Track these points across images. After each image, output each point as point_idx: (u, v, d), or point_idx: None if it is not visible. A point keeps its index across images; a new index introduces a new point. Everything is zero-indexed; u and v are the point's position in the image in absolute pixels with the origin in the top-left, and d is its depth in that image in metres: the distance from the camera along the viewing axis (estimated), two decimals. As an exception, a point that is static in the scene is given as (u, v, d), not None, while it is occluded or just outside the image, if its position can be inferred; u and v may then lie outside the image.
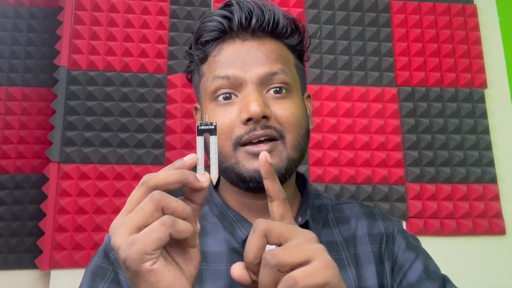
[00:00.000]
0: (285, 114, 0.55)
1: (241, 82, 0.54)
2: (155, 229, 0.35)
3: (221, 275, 0.54)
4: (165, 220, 0.36)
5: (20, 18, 1.23)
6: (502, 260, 1.23)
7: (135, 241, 0.35)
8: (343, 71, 1.27)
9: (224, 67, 0.55)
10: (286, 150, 0.55)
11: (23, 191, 1.15)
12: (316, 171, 1.19)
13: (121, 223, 0.37)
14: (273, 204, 0.42)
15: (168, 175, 0.38)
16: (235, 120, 0.54)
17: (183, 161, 0.40)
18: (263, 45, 0.57)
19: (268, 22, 0.57)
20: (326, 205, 0.66)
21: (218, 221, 0.59)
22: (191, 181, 0.39)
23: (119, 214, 0.38)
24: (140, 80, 1.18)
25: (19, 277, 1.10)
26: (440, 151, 1.27)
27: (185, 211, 0.38)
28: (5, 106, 1.18)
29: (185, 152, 1.15)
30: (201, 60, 0.59)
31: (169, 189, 0.38)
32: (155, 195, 0.37)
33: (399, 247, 0.62)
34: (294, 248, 0.37)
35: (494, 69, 1.37)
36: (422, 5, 1.35)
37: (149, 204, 0.36)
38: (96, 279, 0.55)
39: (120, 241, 0.36)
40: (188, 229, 0.37)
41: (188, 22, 1.24)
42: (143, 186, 0.38)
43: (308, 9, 1.30)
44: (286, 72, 0.56)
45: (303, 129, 0.58)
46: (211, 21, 0.57)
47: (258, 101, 0.52)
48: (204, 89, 0.58)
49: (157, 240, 0.35)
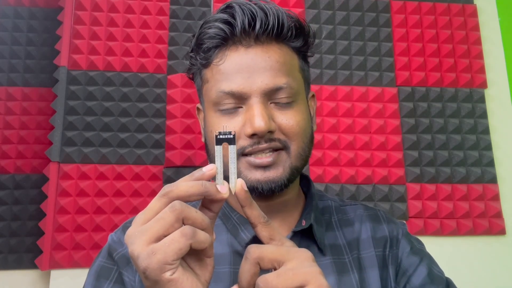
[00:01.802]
0: (289, 124, 0.54)
1: (245, 97, 0.53)
2: (176, 239, 0.35)
3: (224, 277, 0.54)
4: (186, 231, 0.36)
5: (20, 18, 1.23)
6: (502, 260, 1.23)
7: (156, 251, 0.35)
8: (343, 71, 1.27)
9: (228, 80, 0.54)
10: (290, 160, 0.55)
11: (23, 191, 1.15)
12: (316, 171, 1.19)
13: (140, 231, 0.36)
14: (257, 230, 0.42)
15: (190, 187, 0.38)
16: (239, 131, 0.53)
17: (202, 172, 0.40)
18: (267, 52, 0.55)
19: (272, 26, 0.54)
20: (330, 206, 0.65)
21: (221, 222, 0.59)
22: (212, 194, 0.39)
23: (135, 222, 0.38)
24: (140, 80, 1.18)
25: (19, 277, 1.10)
26: (440, 151, 1.27)
27: (204, 221, 0.38)
28: (5, 106, 1.18)
29: (185, 152, 1.15)
30: (203, 65, 0.58)
31: (190, 200, 0.38)
32: (176, 205, 0.36)
33: (403, 251, 0.61)
34: (288, 273, 0.37)
35: (494, 69, 1.37)
36: (422, 5, 1.35)
37: (169, 214, 0.36)
38: (101, 279, 0.55)
39: (139, 249, 0.35)
40: (207, 240, 0.37)
41: (188, 22, 1.24)
42: (164, 197, 0.37)
43: (308, 9, 1.30)
44: (291, 84, 0.55)
45: (308, 136, 0.57)
46: (211, 27, 0.55)
47: (263, 116, 0.51)
48: (208, 97, 0.57)
49: (178, 251, 0.35)
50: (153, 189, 1.14)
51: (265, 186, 0.53)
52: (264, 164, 0.53)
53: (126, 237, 0.37)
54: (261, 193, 0.53)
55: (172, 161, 1.14)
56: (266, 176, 0.53)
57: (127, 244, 0.37)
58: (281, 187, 0.54)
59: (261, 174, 0.53)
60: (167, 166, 1.15)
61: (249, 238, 0.54)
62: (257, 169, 0.53)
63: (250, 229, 0.55)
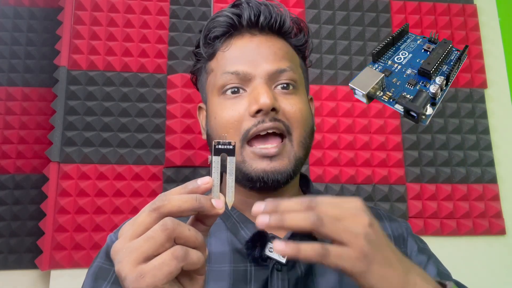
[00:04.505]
0: (293, 109, 0.55)
1: (250, 78, 0.55)
2: (167, 263, 0.33)
3: (224, 275, 0.54)
4: (177, 253, 0.33)
5: (20, 18, 1.23)
6: (502, 260, 1.23)
7: (145, 274, 0.33)
8: (343, 71, 1.27)
9: (233, 63, 0.56)
10: (293, 149, 0.55)
11: (23, 191, 1.15)
12: (316, 171, 1.19)
13: (127, 249, 0.34)
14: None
15: (183, 202, 0.35)
16: (243, 113, 0.54)
17: (197, 184, 0.37)
18: (270, 41, 0.58)
19: (275, 20, 0.58)
20: None
21: (221, 221, 0.59)
22: (207, 209, 0.36)
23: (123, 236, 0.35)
24: (140, 80, 1.18)
25: (19, 277, 1.10)
26: (440, 151, 1.27)
27: (198, 240, 0.35)
28: (5, 106, 1.18)
29: (185, 152, 1.15)
30: (209, 57, 0.60)
31: (182, 216, 0.36)
32: (168, 223, 0.34)
33: (412, 250, 0.61)
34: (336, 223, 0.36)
35: (494, 69, 1.36)
36: (422, 5, 1.35)
37: (160, 233, 0.34)
38: (99, 280, 0.55)
39: (126, 270, 0.33)
40: (200, 260, 0.35)
41: (188, 22, 1.24)
42: (155, 212, 0.35)
43: (308, 9, 1.30)
44: (294, 70, 0.57)
45: (309, 126, 0.58)
46: (221, 16, 0.59)
47: (268, 93, 0.52)
48: (212, 84, 0.58)
49: (168, 274, 0.33)
50: (153, 189, 1.14)
51: (271, 176, 0.53)
52: (270, 154, 0.53)
53: (113, 252, 0.35)
54: (266, 183, 0.53)
55: (172, 161, 1.14)
56: (272, 166, 0.53)
57: (114, 260, 0.35)
58: (286, 178, 0.54)
59: (267, 164, 0.53)
60: (167, 166, 1.15)
61: (249, 236, 0.54)
62: (263, 159, 0.53)
63: (250, 227, 0.56)
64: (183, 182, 1.24)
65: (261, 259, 0.52)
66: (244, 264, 0.54)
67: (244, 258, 0.56)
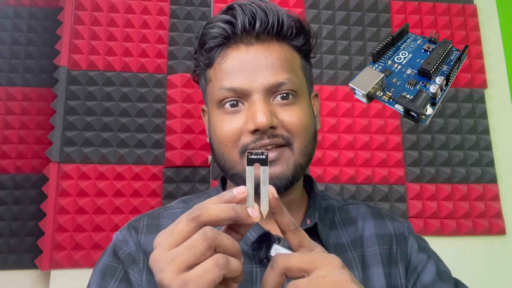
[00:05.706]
0: (292, 120, 0.54)
1: (247, 94, 0.54)
2: (210, 270, 0.33)
3: None
4: (219, 261, 0.34)
5: (20, 18, 1.23)
6: (502, 260, 1.23)
7: (188, 282, 0.33)
8: (343, 71, 1.27)
9: (230, 77, 0.54)
10: (294, 156, 0.54)
11: (23, 191, 1.15)
12: (316, 171, 1.19)
13: (168, 258, 0.34)
14: (286, 236, 0.41)
15: (221, 211, 0.36)
16: (241, 128, 0.54)
17: (233, 194, 0.38)
18: (268, 50, 0.55)
19: (272, 25, 0.55)
20: (333, 206, 0.65)
21: None
22: (243, 218, 0.37)
23: (161, 245, 0.36)
24: (140, 80, 1.18)
25: (19, 277, 1.10)
26: (440, 151, 1.27)
27: (235, 248, 0.36)
28: (5, 106, 1.18)
29: (185, 152, 1.15)
30: (206, 65, 0.59)
31: (220, 225, 0.36)
32: (208, 232, 0.35)
33: (412, 248, 0.61)
34: (319, 280, 0.36)
35: (494, 69, 1.36)
36: (422, 5, 1.35)
37: (202, 242, 0.34)
38: (106, 278, 0.55)
39: (169, 278, 0.34)
40: (239, 268, 0.36)
41: (188, 22, 1.24)
42: (194, 221, 0.35)
43: (308, 9, 1.30)
44: (293, 80, 0.55)
45: (311, 134, 0.57)
46: (213, 27, 0.56)
47: (265, 112, 0.52)
48: (211, 96, 0.58)
49: (212, 282, 0.33)
50: (153, 189, 1.14)
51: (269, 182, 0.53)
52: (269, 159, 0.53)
53: (152, 261, 0.35)
54: None
55: (172, 161, 1.14)
56: (270, 172, 0.53)
57: (154, 270, 0.35)
58: (285, 184, 0.54)
59: None
60: (167, 166, 1.15)
61: (254, 237, 0.54)
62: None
63: (255, 228, 0.55)
64: (183, 182, 1.24)
65: (266, 260, 0.52)
66: (250, 265, 0.54)
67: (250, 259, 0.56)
